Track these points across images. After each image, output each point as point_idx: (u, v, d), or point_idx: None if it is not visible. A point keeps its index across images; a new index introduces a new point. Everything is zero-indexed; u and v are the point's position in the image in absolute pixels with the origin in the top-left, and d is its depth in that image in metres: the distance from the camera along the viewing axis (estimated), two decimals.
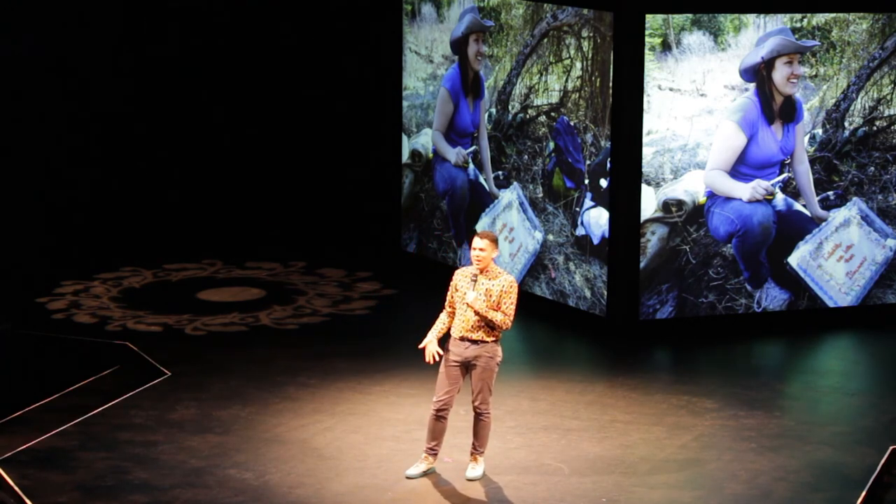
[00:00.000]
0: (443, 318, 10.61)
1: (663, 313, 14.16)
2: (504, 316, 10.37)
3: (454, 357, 10.47)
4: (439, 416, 10.57)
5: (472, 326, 10.40)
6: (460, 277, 10.51)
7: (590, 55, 14.11)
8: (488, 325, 10.39)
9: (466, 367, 10.48)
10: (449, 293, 10.56)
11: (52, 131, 17.64)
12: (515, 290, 10.43)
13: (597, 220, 14.17)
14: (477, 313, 10.35)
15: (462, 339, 10.43)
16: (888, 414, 12.29)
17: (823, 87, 14.28)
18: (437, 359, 10.53)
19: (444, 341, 10.57)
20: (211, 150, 18.46)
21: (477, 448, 10.69)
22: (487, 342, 10.43)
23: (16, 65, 17.29)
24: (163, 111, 18.20)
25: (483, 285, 10.36)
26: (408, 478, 10.64)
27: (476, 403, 10.55)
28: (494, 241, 10.41)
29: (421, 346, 10.62)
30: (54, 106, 17.62)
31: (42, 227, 17.45)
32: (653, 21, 13.74)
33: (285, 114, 18.64)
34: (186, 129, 18.33)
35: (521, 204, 15.04)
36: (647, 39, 13.72)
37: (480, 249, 10.34)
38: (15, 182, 17.43)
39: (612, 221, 14.00)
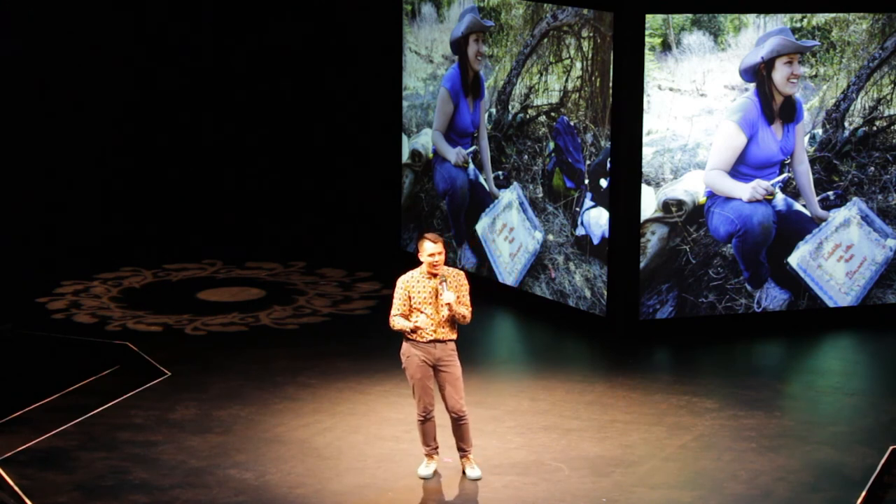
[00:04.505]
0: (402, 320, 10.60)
1: (663, 313, 14.16)
2: (468, 309, 10.57)
3: (424, 360, 10.53)
4: (428, 419, 10.65)
5: (443, 325, 10.51)
6: (413, 283, 10.54)
7: (590, 55, 14.11)
8: (452, 322, 10.54)
9: (434, 368, 10.55)
10: (400, 301, 10.53)
11: (51, 131, 17.63)
12: (467, 281, 10.66)
13: (597, 220, 14.17)
14: (452, 312, 10.46)
15: (433, 341, 10.50)
16: (888, 414, 12.29)
17: (823, 87, 14.28)
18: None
19: (396, 345, 10.60)
20: (211, 150, 18.47)
21: (466, 450, 10.71)
22: (453, 339, 10.59)
23: (14, 64, 17.29)
24: (162, 111, 18.20)
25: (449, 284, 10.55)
26: (422, 478, 10.66)
27: (458, 407, 10.56)
28: (444, 241, 10.63)
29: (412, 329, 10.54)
30: (54, 107, 17.62)
31: (42, 226, 17.45)
32: (653, 21, 13.74)
33: (286, 114, 18.64)
34: (186, 129, 18.33)
35: (521, 204, 15.04)
36: (647, 39, 13.73)
37: (439, 253, 10.50)
38: (15, 182, 17.43)
39: (612, 221, 14.00)
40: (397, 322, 10.53)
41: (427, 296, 10.48)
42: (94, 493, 10.40)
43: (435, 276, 10.50)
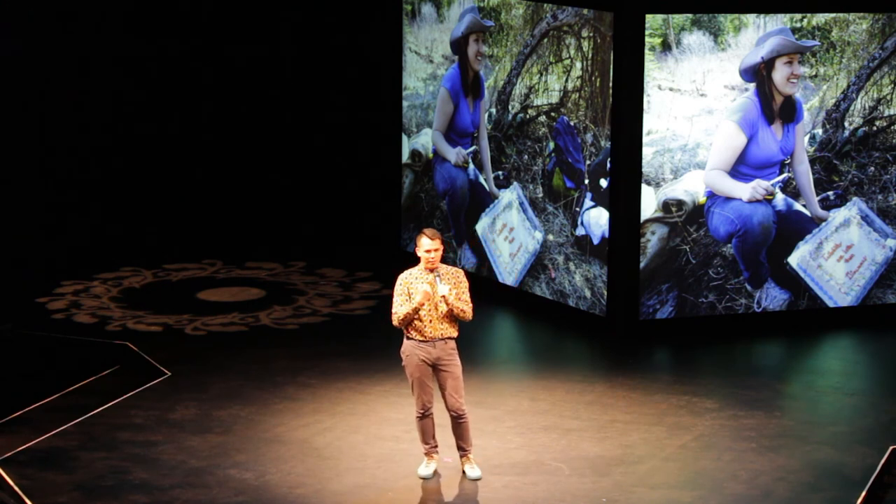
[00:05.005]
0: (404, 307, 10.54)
1: (663, 313, 14.16)
2: (468, 305, 10.53)
3: (423, 359, 10.52)
4: (426, 416, 10.65)
5: (442, 321, 10.48)
6: (412, 280, 10.53)
7: (590, 55, 14.11)
8: (452, 319, 10.51)
9: (434, 367, 10.54)
10: (402, 298, 10.51)
11: (51, 131, 17.63)
12: (465, 279, 10.62)
13: (597, 220, 14.17)
14: (450, 305, 10.44)
15: (432, 339, 10.49)
16: (888, 414, 12.29)
17: (823, 87, 14.28)
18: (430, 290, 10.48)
19: (395, 347, 10.60)
20: (211, 150, 18.46)
21: (466, 449, 10.70)
22: (454, 338, 10.57)
23: (14, 64, 17.28)
24: (163, 111, 18.19)
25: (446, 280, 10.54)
26: (422, 478, 10.66)
27: (457, 406, 10.56)
28: (442, 238, 10.60)
29: (422, 296, 10.43)
30: (54, 106, 17.61)
31: (42, 227, 17.45)
32: (653, 21, 13.74)
33: (286, 114, 18.64)
34: (186, 129, 18.32)
35: (521, 204, 15.04)
36: (647, 39, 13.72)
37: (435, 250, 10.47)
38: (15, 182, 17.43)
39: (612, 221, 14.00)
40: (401, 311, 10.50)
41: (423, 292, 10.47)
42: (94, 493, 10.40)
43: (433, 271, 10.50)
